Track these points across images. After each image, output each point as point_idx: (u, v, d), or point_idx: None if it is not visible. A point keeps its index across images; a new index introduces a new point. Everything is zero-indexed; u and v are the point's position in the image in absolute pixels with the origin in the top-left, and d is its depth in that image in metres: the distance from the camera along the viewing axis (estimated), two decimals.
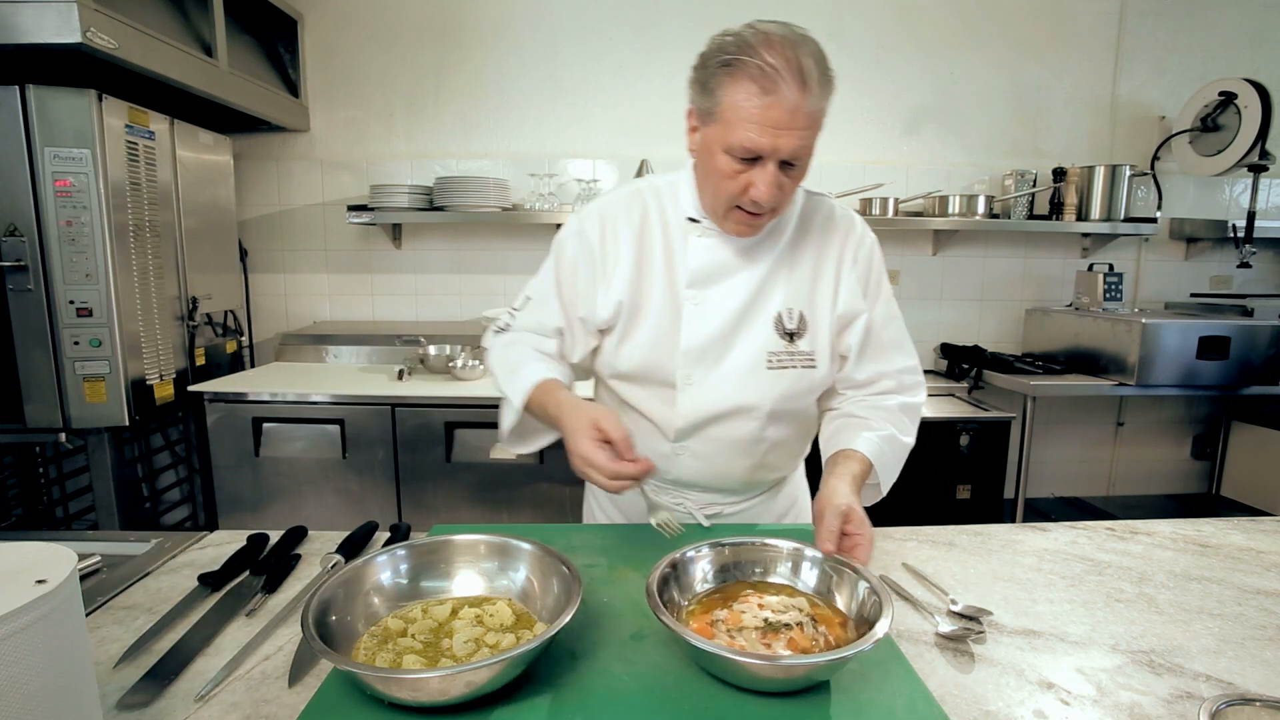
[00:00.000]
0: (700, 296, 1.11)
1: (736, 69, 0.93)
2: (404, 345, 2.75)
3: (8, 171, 1.99)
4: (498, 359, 1.19)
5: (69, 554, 0.59)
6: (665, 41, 2.99)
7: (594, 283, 1.14)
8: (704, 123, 1.01)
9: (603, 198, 1.19)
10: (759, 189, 0.97)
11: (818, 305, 1.13)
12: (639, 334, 1.13)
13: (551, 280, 1.18)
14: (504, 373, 1.15)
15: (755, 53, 0.92)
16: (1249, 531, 1.20)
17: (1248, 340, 2.67)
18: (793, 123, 0.92)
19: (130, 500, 2.36)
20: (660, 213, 1.14)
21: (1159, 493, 3.42)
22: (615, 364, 1.15)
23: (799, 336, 1.12)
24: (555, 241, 1.19)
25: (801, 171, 1.00)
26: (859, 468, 1.06)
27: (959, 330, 3.23)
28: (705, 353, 1.11)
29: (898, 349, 1.18)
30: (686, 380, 1.12)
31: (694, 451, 1.16)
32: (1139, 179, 3.11)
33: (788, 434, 1.19)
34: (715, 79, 0.96)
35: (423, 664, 0.72)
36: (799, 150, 0.95)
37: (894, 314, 1.18)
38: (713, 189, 1.03)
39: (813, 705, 0.70)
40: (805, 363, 1.12)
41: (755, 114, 0.92)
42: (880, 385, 1.17)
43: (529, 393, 1.09)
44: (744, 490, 1.24)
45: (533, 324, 1.19)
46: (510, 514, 2.40)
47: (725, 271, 1.11)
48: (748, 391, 1.12)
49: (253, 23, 2.82)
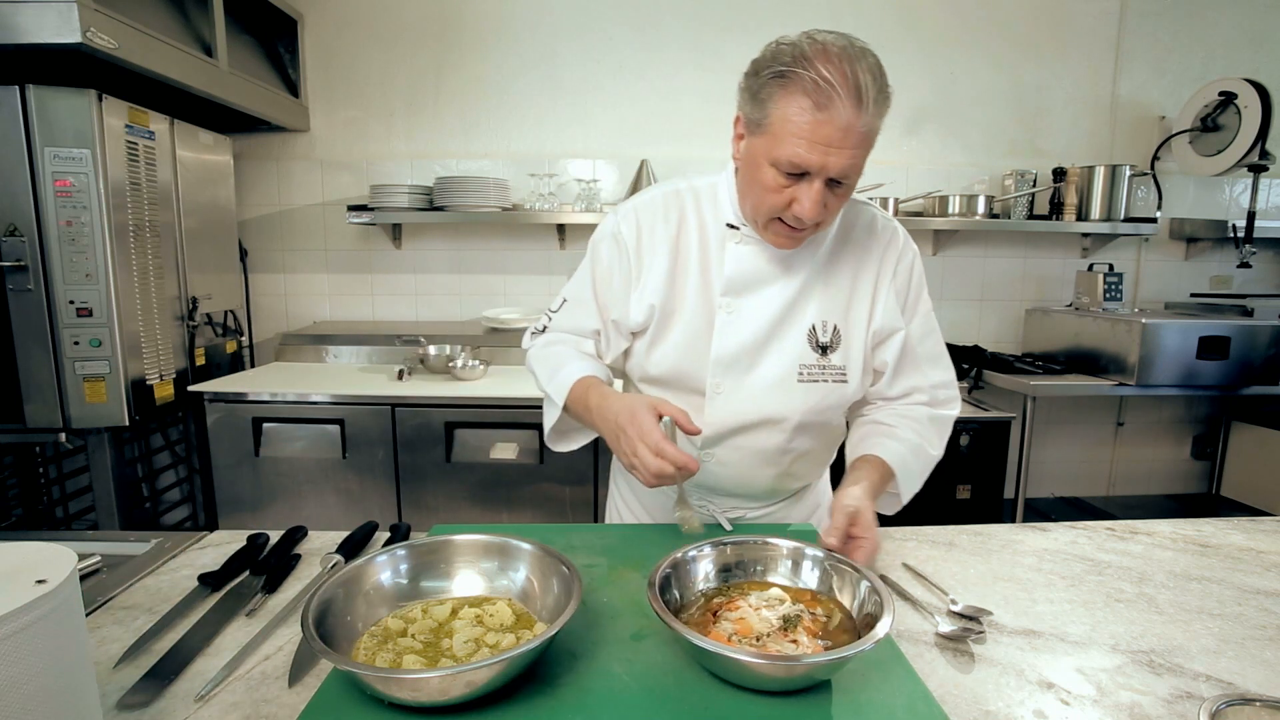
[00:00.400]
0: (734, 305, 1.09)
1: (790, 81, 0.90)
2: (404, 345, 2.75)
3: (8, 171, 1.99)
4: (538, 358, 1.18)
5: (69, 554, 0.59)
6: (665, 41, 2.99)
7: (627, 286, 1.12)
8: (752, 132, 0.97)
9: (641, 196, 1.16)
10: (803, 206, 0.94)
11: (853, 319, 1.11)
12: (670, 338, 1.12)
13: (588, 281, 1.17)
14: (545, 372, 1.14)
15: (811, 65, 0.88)
16: (1249, 531, 1.20)
17: (1248, 340, 2.67)
18: (845, 141, 0.89)
19: (130, 500, 2.36)
20: (698, 216, 1.12)
21: (1159, 493, 3.42)
22: (645, 367, 1.15)
23: (832, 350, 1.10)
24: (591, 242, 1.18)
25: (849, 189, 0.97)
26: (877, 474, 1.07)
27: (959, 330, 3.23)
28: (736, 362, 1.10)
29: (933, 363, 1.16)
30: (716, 389, 1.11)
31: (720, 459, 1.15)
32: (1139, 179, 3.11)
33: (814, 445, 1.18)
34: (767, 89, 0.93)
35: (423, 664, 0.72)
36: (849, 169, 0.92)
37: (931, 328, 1.17)
38: (755, 200, 1.01)
39: (813, 705, 0.70)
40: (837, 377, 1.11)
41: (806, 130, 0.89)
42: (912, 399, 1.16)
43: (570, 389, 1.08)
44: (768, 497, 1.24)
45: (570, 326, 1.19)
46: (510, 514, 2.40)
47: (761, 280, 1.09)
48: (777, 403, 1.10)
49: (253, 23, 2.82)
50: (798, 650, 0.76)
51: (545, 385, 1.13)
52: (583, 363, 1.12)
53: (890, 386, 1.15)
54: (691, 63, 3.00)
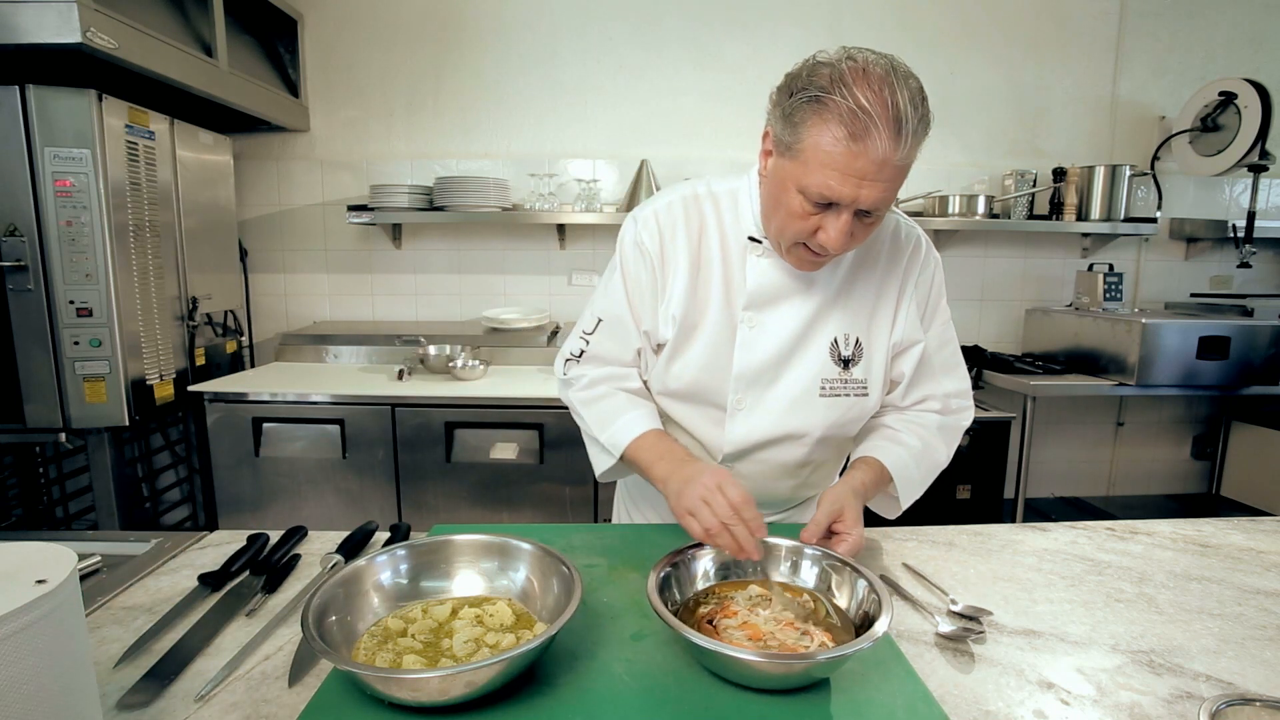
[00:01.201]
0: (756, 319, 1.06)
1: (826, 107, 0.84)
2: (404, 345, 2.75)
3: (8, 171, 1.99)
4: (584, 402, 1.14)
5: (69, 554, 0.59)
6: (665, 41, 2.99)
7: (656, 297, 1.09)
8: (781, 153, 0.92)
9: (659, 200, 1.11)
10: (829, 235, 0.90)
11: (875, 332, 1.09)
12: (691, 352, 1.09)
13: (621, 296, 1.11)
14: (595, 420, 1.12)
15: (849, 92, 0.82)
16: (1249, 531, 1.20)
17: (1248, 340, 2.67)
18: (879, 175, 0.85)
19: (130, 500, 2.36)
20: (719, 224, 1.08)
21: (1159, 493, 3.42)
22: (665, 381, 1.12)
23: (854, 363, 1.08)
24: (617, 256, 1.13)
25: (878, 221, 0.93)
26: (872, 475, 1.06)
27: (959, 330, 3.17)
28: (759, 377, 1.07)
29: (948, 373, 1.15)
30: (738, 405, 1.08)
31: (740, 472, 1.14)
32: (1139, 179, 3.11)
33: (831, 455, 1.17)
34: (801, 112, 0.87)
35: (423, 664, 0.72)
36: (880, 202, 0.88)
37: (949, 337, 1.16)
38: (780, 224, 0.97)
39: (813, 705, 0.70)
40: (858, 390, 1.09)
41: (839, 161, 0.84)
42: (925, 406, 1.15)
43: (625, 447, 1.07)
44: (782, 505, 1.24)
45: (610, 353, 1.14)
46: (510, 514, 2.41)
47: (784, 294, 1.06)
48: (799, 418, 1.08)
49: (253, 23, 2.82)
50: (807, 639, 0.77)
51: (598, 435, 1.11)
52: (635, 412, 1.10)
53: (904, 396, 1.14)
54: (691, 62, 3.00)
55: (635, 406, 1.11)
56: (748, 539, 0.87)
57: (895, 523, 1.17)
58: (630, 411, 1.10)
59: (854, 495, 1.00)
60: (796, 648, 0.76)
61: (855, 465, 1.09)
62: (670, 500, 0.97)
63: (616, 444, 1.08)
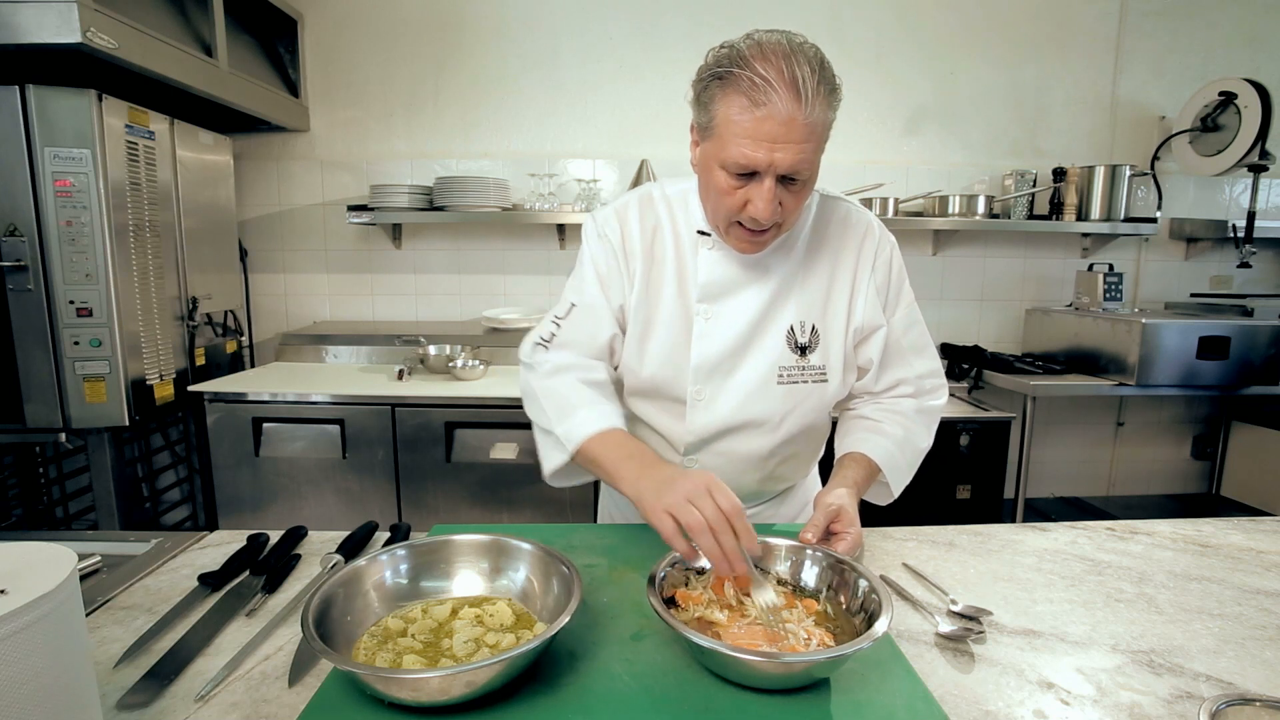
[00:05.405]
0: (711, 311, 1.09)
1: (728, 82, 0.90)
2: (404, 345, 2.75)
3: (8, 171, 1.99)
4: (545, 391, 1.09)
5: (69, 554, 0.59)
6: (665, 41, 2.99)
7: (624, 279, 1.11)
8: (702, 137, 0.98)
9: (617, 201, 1.15)
10: (757, 206, 0.94)
11: (831, 318, 1.11)
12: (649, 348, 1.11)
13: (592, 279, 1.11)
14: (555, 411, 1.06)
15: (747, 64, 0.88)
16: (1249, 531, 1.20)
17: (1248, 340, 2.67)
18: (788, 136, 0.89)
19: (130, 500, 2.36)
20: (672, 223, 1.11)
21: (1159, 493, 3.42)
22: (626, 377, 1.14)
23: (811, 350, 1.10)
24: (584, 250, 1.14)
25: (804, 186, 0.96)
26: (862, 472, 1.08)
27: (959, 330, 3.23)
28: (716, 368, 1.09)
29: (918, 354, 1.16)
30: (697, 396, 1.10)
31: (703, 465, 1.15)
32: (1139, 179, 3.11)
33: (798, 447, 1.18)
34: (709, 93, 0.94)
35: (423, 664, 0.72)
36: (798, 165, 0.91)
37: (914, 319, 1.16)
38: (713, 205, 1.01)
39: (813, 705, 0.70)
40: (816, 377, 1.11)
41: (748, 128, 0.89)
42: (897, 391, 1.16)
43: (583, 441, 1.01)
44: (752, 499, 1.24)
45: (580, 338, 1.12)
46: (510, 514, 2.41)
47: (737, 285, 1.09)
48: (758, 406, 1.10)
49: (253, 23, 2.81)
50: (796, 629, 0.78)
51: (554, 427, 1.05)
52: (599, 408, 1.04)
53: (876, 381, 1.15)
54: (691, 62, 2.96)
55: (599, 401, 1.06)
56: (734, 549, 0.80)
57: (895, 523, 1.18)
58: (594, 406, 1.05)
59: (849, 494, 1.01)
60: (797, 647, 0.76)
61: (843, 463, 1.10)
62: (645, 499, 0.89)
63: (572, 438, 1.02)
